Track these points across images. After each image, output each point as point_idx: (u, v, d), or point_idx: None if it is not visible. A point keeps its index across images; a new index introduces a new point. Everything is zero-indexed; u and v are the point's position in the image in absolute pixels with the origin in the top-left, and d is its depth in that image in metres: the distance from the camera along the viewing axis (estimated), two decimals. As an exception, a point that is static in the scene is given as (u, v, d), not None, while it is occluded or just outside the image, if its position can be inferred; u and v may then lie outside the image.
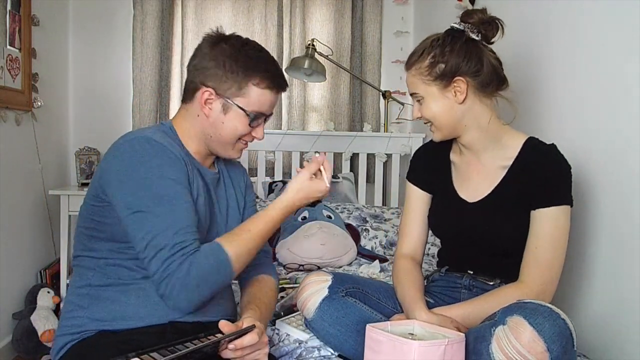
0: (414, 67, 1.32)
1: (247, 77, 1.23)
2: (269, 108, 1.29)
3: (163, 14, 3.03)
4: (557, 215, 1.25)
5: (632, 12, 1.36)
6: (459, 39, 1.30)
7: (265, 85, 1.25)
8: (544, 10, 1.76)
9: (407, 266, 1.41)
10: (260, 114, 1.27)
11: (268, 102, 1.27)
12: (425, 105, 1.33)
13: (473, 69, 1.29)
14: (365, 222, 2.55)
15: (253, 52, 1.26)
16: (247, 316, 1.15)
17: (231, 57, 1.22)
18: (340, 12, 3.15)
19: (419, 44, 1.35)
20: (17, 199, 2.40)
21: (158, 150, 1.14)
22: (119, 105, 3.03)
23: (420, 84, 1.32)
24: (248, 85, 1.23)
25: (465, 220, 1.36)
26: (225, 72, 1.22)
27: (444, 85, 1.29)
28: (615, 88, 1.43)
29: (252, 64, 1.23)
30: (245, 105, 1.24)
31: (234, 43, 1.25)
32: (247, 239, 1.18)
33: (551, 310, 1.01)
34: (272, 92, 1.27)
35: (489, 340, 1.04)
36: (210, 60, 1.23)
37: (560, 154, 1.30)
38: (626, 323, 1.37)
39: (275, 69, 1.28)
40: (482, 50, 1.31)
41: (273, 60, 1.31)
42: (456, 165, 1.43)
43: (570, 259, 1.53)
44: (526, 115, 1.81)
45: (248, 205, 1.45)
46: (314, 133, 2.99)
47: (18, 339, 2.31)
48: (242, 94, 1.23)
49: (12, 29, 2.31)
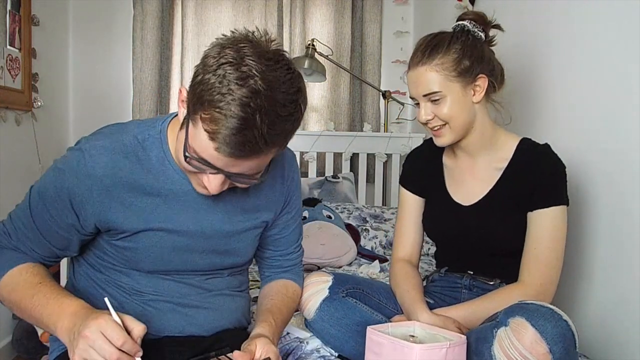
0: (435, 62, 1.25)
1: (199, 104, 0.87)
2: (219, 164, 0.90)
3: (163, 14, 3.03)
4: (554, 215, 1.25)
5: (631, 13, 1.36)
6: (475, 37, 1.29)
7: (209, 136, 0.86)
8: (542, 9, 1.76)
9: (405, 269, 1.40)
10: (203, 160, 0.90)
11: (213, 157, 0.89)
12: (444, 104, 1.26)
13: (490, 68, 1.29)
14: (365, 222, 2.55)
15: (231, 78, 0.84)
16: (261, 333, 1.04)
17: (205, 67, 0.88)
18: (340, 12, 3.14)
19: (430, 40, 1.29)
20: (17, 199, 2.39)
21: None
22: (119, 105, 3.03)
23: (441, 81, 1.25)
24: (198, 114, 0.87)
25: (460, 223, 1.36)
26: (195, 77, 0.89)
27: (466, 82, 1.26)
28: (615, 87, 1.42)
29: (211, 92, 0.85)
30: (190, 136, 0.91)
31: (228, 53, 0.87)
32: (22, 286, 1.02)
33: (553, 312, 1.01)
34: (211, 145, 0.87)
35: (491, 341, 1.04)
36: (205, 56, 0.91)
37: (554, 153, 1.29)
38: (626, 323, 1.37)
39: (238, 120, 0.84)
40: (490, 50, 1.32)
41: (248, 104, 0.83)
42: (449, 169, 1.42)
43: (569, 259, 1.54)
44: (525, 115, 1.81)
45: (284, 216, 1.23)
46: (314, 133, 2.99)
47: (18, 339, 2.31)
48: (194, 120, 0.89)
49: (12, 29, 2.31)
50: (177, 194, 1.07)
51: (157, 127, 1.07)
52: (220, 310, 1.18)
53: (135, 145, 1.05)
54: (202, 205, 1.09)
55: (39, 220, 1.05)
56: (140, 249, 1.07)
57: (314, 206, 2.40)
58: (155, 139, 1.06)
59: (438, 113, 1.28)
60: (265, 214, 1.19)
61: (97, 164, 1.01)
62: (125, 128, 1.07)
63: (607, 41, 1.46)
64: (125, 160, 1.03)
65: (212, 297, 1.17)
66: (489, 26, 1.33)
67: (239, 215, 1.14)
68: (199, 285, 1.15)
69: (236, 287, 1.24)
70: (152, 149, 1.05)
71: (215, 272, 1.18)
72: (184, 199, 1.08)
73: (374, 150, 3.01)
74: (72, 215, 1.03)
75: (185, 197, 1.07)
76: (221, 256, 1.16)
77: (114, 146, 1.03)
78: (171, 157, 1.05)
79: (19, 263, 1.04)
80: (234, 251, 1.17)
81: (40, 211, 1.05)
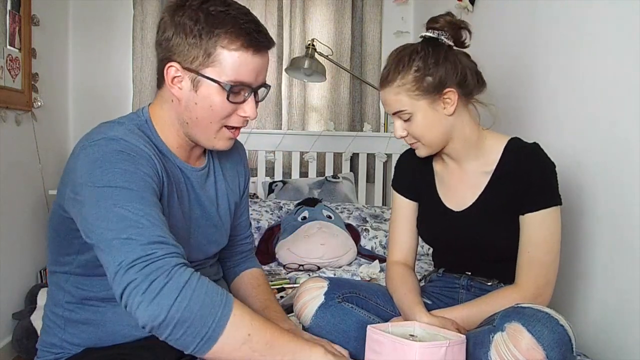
0: (396, 83, 1.23)
1: (213, 39, 0.98)
2: (251, 75, 1.02)
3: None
4: (547, 217, 1.23)
5: (629, 12, 1.36)
6: (439, 47, 1.24)
7: (238, 45, 0.99)
8: (536, 9, 1.76)
9: (401, 272, 1.39)
10: (240, 83, 1.01)
11: (248, 66, 1.01)
12: (414, 122, 1.25)
13: (460, 78, 1.24)
14: (365, 222, 2.55)
15: (216, 8, 0.99)
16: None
17: (190, 19, 0.98)
18: (340, 12, 3.15)
19: (393, 58, 1.27)
20: (17, 199, 2.39)
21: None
22: (119, 105, 3.03)
23: (406, 100, 1.23)
24: (216, 48, 0.99)
25: (453, 229, 1.34)
26: (186, 38, 0.99)
27: (433, 98, 1.23)
28: (614, 87, 1.42)
29: (216, 22, 0.98)
30: (217, 76, 0.99)
31: (192, 2, 1.00)
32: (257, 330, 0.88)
33: (550, 317, 1.00)
34: (249, 52, 1.00)
35: (488, 346, 1.03)
36: (170, 28, 1.01)
37: (543, 153, 1.26)
38: (626, 323, 1.37)
39: (249, 23, 1.01)
40: (459, 56, 1.26)
41: (246, 12, 1.03)
42: (439, 175, 1.40)
43: (569, 259, 1.54)
44: (526, 115, 1.81)
45: (243, 197, 1.33)
46: (314, 133, 2.99)
47: (18, 339, 2.30)
48: (212, 62, 0.99)
49: (12, 29, 2.31)
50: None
51: (141, 118, 1.10)
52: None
53: (139, 132, 1.05)
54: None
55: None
56: None
57: (314, 206, 2.41)
58: (146, 127, 1.08)
59: (410, 130, 1.27)
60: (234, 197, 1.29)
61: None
62: (116, 121, 1.07)
63: (608, 40, 1.46)
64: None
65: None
66: (457, 29, 1.28)
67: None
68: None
69: (214, 274, 1.28)
70: (149, 136, 1.08)
71: (203, 262, 1.21)
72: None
73: (374, 150, 3.01)
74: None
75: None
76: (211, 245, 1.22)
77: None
78: (162, 143, 1.09)
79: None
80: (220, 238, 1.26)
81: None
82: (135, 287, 0.81)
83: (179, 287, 0.82)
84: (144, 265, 0.82)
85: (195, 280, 0.84)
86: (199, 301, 0.82)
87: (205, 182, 1.18)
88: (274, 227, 2.41)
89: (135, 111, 1.13)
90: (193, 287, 0.83)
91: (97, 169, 0.91)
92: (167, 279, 0.82)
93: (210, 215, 1.19)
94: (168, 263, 0.84)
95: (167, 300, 0.81)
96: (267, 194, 2.87)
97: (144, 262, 0.83)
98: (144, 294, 0.81)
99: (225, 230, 1.26)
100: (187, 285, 0.83)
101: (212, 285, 0.86)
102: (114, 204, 0.88)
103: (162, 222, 0.90)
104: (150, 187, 0.94)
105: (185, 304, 0.81)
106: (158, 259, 0.83)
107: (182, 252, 0.89)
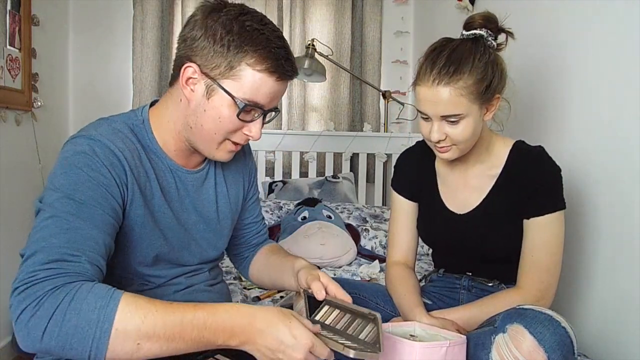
0: (461, 84, 1.14)
1: (240, 54, 0.95)
2: (267, 98, 1.00)
3: (163, 14, 3.03)
4: (551, 222, 1.22)
5: (631, 14, 1.36)
6: (488, 49, 1.19)
7: (264, 68, 0.96)
8: (537, 9, 1.76)
9: (401, 272, 1.38)
10: (254, 104, 0.99)
11: (267, 90, 0.98)
12: (460, 126, 1.18)
13: (503, 84, 1.22)
14: (365, 222, 2.55)
15: (252, 24, 0.97)
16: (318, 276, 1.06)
17: (224, 26, 0.96)
18: (340, 12, 3.15)
19: (450, 53, 1.16)
20: (17, 199, 2.39)
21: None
22: (119, 105, 3.03)
23: (465, 103, 1.15)
24: (241, 64, 0.96)
25: (455, 232, 1.33)
26: (214, 44, 0.96)
27: (484, 102, 1.19)
28: (617, 89, 1.43)
29: (248, 37, 0.95)
30: (234, 91, 0.97)
31: (230, 9, 0.98)
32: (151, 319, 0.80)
33: (551, 319, 1.00)
34: (272, 77, 0.98)
35: (489, 347, 1.03)
36: (199, 29, 0.98)
37: (548, 157, 1.25)
38: (626, 323, 1.37)
39: (280, 49, 0.98)
40: (500, 60, 1.22)
41: (280, 36, 1.00)
42: (442, 176, 1.38)
43: (570, 260, 1.54)
44: (525, 116, 1.81)
45: (249, 201, 1.29)
46: (314, 133, 2.99)
47: (18, 339, 2.31)
48: (233, 76, 0.96)
49: (12, 29, 2.31)
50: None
51: (138, 117, 1.07)
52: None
53: (127, 132, 1.03)
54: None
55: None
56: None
57: (314, 206, 2.41)
58: (140, 127, 1.05)
59: (451, 133, 1.19)
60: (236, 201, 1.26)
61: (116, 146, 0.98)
62: (110, 118, 1.05)
63: (613, 42, 1.46)
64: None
65: (196, 292, 1.15)
66: (498, 31, 1.23)
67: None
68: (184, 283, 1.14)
69: (214, 278, 1.25)
70: (142, 136, 1.05)
71: (200, 266, 1.18)
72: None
73: (374, 150, 3.01)
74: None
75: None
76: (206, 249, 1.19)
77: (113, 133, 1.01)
78: (156, 144, 1.06)
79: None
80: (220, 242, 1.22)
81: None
82: (12, 312, 0.78)
83: (49, 315, 0.77)
84: (22, 289, 0.78)
85: (68, 301, 0.77)
86: (72, 325, 0.77)
87: (202, 186, 1.15)
88: (273, 227, 2.41)
89: (134, 109, 1.10)
90: (64, 310, 0.77)
91: (60, 169, 0.91)
92: (36, 308, 0.77)
93: (208, 220, 1.16)
94: (43, 288, 0.78)
95: (36, 332, 0.76)
96: (267, 194, 2.87)
97: (24, 286, 0.78)
98: (16, 323, 0.77)
99: (225, 235, 1.23)
100: (58, 310, 0.77)
101: (90, 301, 0.78)
102: (52, 215, 0.86)
103: (87, 238, 0.85)
104: (102, 197, 0.91)
105: (57, 331, 0.76)
106: (38, 282, 0.79)
107: (85, 268, 0.83)
